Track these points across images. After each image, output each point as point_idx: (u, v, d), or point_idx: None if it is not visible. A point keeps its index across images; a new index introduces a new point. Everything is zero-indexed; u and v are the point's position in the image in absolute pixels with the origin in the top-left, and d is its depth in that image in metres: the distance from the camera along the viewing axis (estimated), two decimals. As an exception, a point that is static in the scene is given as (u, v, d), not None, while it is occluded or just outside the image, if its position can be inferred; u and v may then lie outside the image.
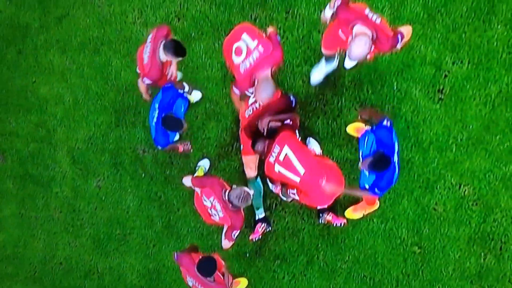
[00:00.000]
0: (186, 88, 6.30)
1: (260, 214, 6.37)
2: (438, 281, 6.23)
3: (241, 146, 6.17)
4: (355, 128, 6.15)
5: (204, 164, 6.60)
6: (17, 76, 7.21)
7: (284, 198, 6.23)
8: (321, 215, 6.28)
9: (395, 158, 5.17)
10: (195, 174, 6.43)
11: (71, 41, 7.02)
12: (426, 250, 6.25)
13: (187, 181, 5.72)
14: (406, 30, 5.18)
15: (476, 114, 6.13)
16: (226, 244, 5.72)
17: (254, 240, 6.42)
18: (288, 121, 5.77)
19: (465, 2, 6.13)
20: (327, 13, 5.20)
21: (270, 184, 6.14)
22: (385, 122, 5.27)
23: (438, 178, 6.20)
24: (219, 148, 6.63)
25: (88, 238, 7.06)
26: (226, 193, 5.36)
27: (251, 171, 6.23)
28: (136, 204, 6.90)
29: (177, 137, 5.86)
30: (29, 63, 7.18)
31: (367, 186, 5.41)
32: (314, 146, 6.23)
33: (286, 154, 5.40)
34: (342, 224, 6.26)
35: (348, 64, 6.25)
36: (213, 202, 5.44)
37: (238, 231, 5.55)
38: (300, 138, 5.87)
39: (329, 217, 6.24)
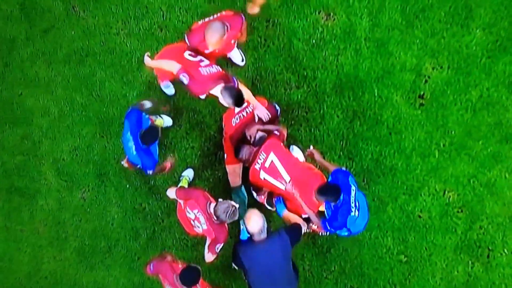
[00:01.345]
0: (147, 105, 6.19)
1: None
2: (426, 291, 6.20)
3: (225, 155, 6.15)
4: None
5: (188, 174, 6.55)
6: (3, 89, 7.15)
7: (269, 207, 6.18)
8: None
9: (352, 199, 5.08)
10: (179, 184, 6.38)
11: (56, 53, 7.03)
12: (413, 259, 6.24)
13: (171, 193, 5.72)
14: None
15: (458, 119, 6.18)
16: (209, 257, 5.64)
17: (239, 251, 6.37)
18: (276, 132, 5.78)
19: (443, 8, 6.23)
20: None
21: (254, 194, 6.15)
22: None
23: (422, 185, 6.21)
24: (203, 158, 6.60)
25: (73, 251, 6.95)
26: (212, 206, 5.33)
27: (235, 180, 6.19)
28: (121, 216, 6.82)
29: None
30: (15, 76, 7.13)
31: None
32: (297, 154, 6.18)
33: (272, 161, 5.42)
34: (328, 233, 6.15)
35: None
36: (196, 214, 5.42)
37: (222, 244, 5.50)
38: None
39: (314, 226, 6.05)
